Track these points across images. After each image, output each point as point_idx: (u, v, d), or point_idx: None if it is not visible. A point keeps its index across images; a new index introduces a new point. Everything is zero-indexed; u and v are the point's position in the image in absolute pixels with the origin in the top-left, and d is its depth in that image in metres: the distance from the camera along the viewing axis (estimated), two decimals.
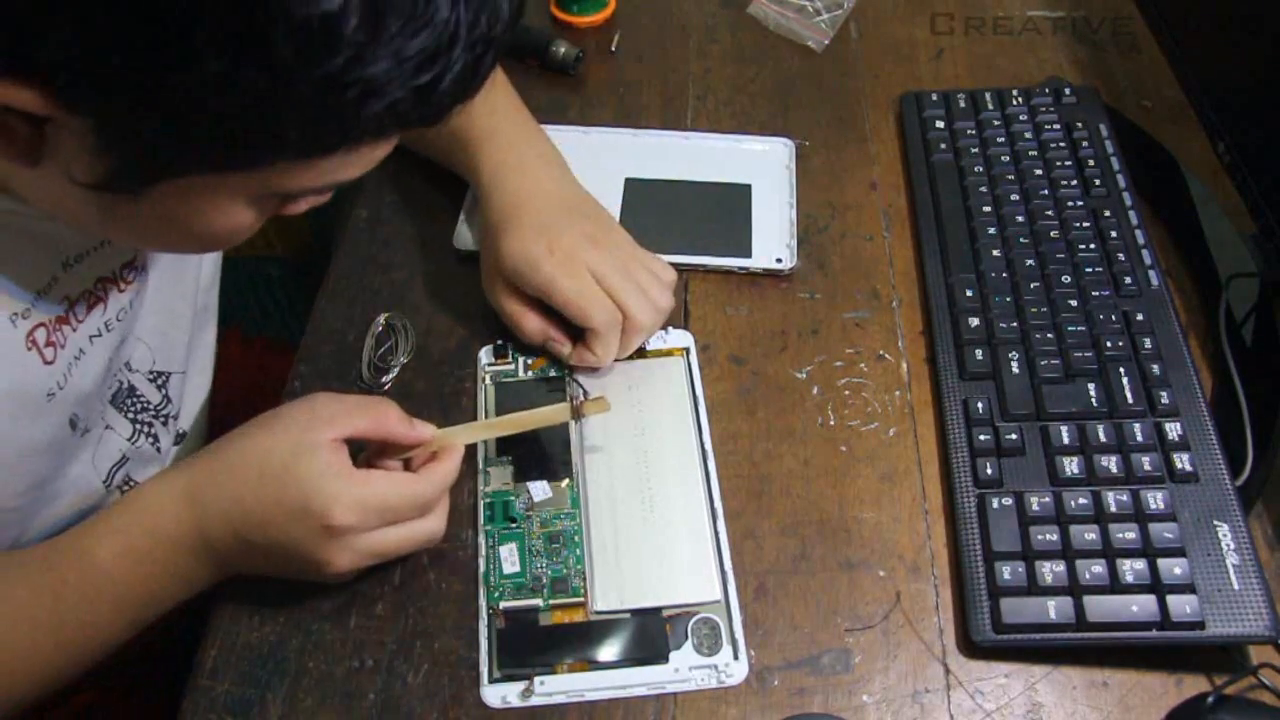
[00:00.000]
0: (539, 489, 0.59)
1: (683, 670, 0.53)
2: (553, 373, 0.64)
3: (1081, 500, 0.56)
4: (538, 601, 0.55)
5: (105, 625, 0.52)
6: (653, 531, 0.57)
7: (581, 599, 0.55)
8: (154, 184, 0.40)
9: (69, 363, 0.54)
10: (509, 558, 0.56)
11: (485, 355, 0.65)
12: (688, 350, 0.65)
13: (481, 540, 0.57)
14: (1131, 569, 0.53)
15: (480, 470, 0.60)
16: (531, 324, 0.63)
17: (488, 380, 0.64)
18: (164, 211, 0.43)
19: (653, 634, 0.54)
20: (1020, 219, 0.70)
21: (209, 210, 0.43)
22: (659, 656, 0.53)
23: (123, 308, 0.57)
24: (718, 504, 0.58)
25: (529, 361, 0.65)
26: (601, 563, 0.56)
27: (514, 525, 0.58)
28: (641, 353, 0.65)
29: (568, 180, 0.67)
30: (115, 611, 0.52)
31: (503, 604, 0.55)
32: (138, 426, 0.63)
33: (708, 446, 0.61)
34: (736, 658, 0.53)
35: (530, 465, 0.60)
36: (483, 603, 0.55)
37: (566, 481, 0.59)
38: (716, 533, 0.57)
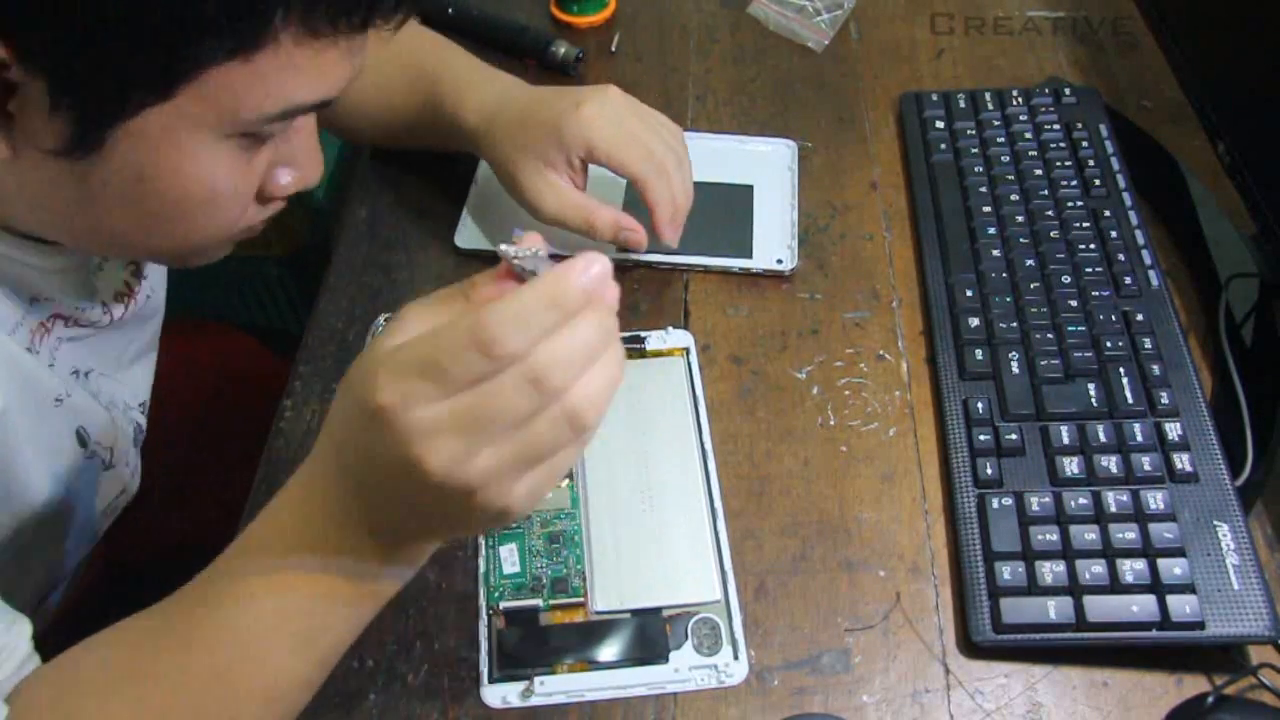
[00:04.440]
0: None
1: (683, 670, 0.53)
2: None
3: (1081, 500, 0.56)
4: (538, 601, 0.55)
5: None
6: (653, 531, 0.57)
7: (581, 599, 0.55)
8: (110, 128, 0.41)
9: (67, 370, 0.54)
10: (509, 558, 0.56)
11: None
12: (688, 350, 0.65)
13: (481, 540, 0.57)
14: (1131, 569, 0.53)
15: None
16: (604, 216, 0.64)
17: None
18: (133, 168, 0.42)
19: (653, 634, 0.54)
20: (1020, 219, 0.70)
21: (175, 156, 0.43)
22: (659, 656, 0.53)
23: (59, 337, 0.55)
24: (718, 504, 0.58)
25: None
26: (601, 563, 0.56)
27: (514, 525, 0.58)
28: (642, 353, 0.65)
29: (549, 88, 0.68)
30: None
31: (503, 604, 0.55)
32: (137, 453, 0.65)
33: (708, 446, 0.61)
34: (736, 658, 0.53)
35: None
36: (483, 603, 0.55)
37: (566, 481, 0.59)
38: (716, 533, 0.57)
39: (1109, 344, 0.62)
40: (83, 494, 0.58)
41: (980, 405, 0.61)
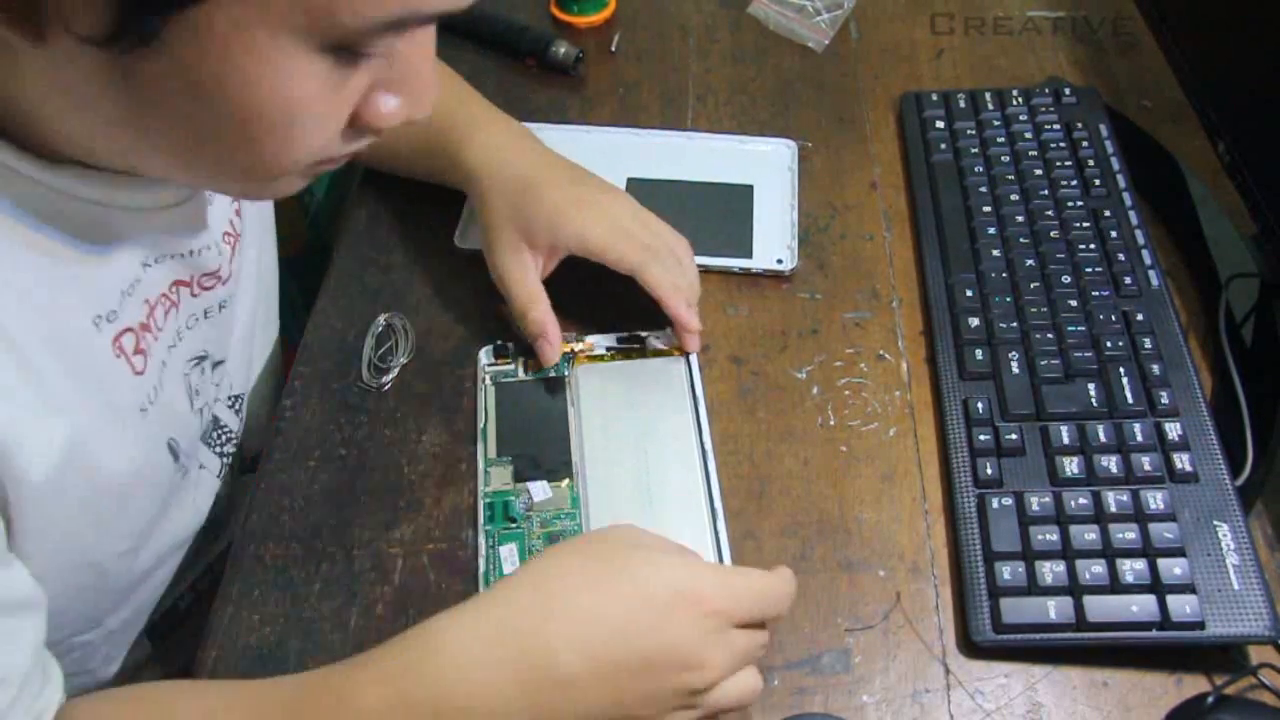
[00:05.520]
0: (539, 489, 0.59)
1: None
2: (552, 373, 0.64)
3: (1081, 500, 0.56)
4: None
5: None
6: (653, 531, 0.57)
7: None
8: (165, 14, 0.32)
9: (158, 374, 0.50)
10: (509, 558, 0.56)
11: (485, 355, 0.65)
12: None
13: (482, 540, 0.57)
14: (1131, 569, 0.53)
15: (481, 470, 0.60)
16: (535, 317, 0.62)
17: (488, 380, 0.64)
18: (193, 72, 0.34)
19: None
20: (1020, 219, 0.70)
21: (248, 64, 0.34)
22: None
23: (194, 314, 0.53)
24: (718, 504, 0.58)
25: (529, 361, 0.65)
26: None
27: (514, 525, 0.57)
28: (642, 352, 0.65)
29: (555, 155, 0.67)
30: None
31: None
32: (223, 460, 0.61)
33: (708, 446, 0.61)
34: None
35: (530, 465, 0.60)
36: None
37: (566, 481, 0.59)
38: (716, 532, 0.57)
39: (1109, 344, 0.62)
40: (173, 514, 0.56)
41: (980, 405, 0.61)
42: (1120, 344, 0.62)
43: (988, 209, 0.71)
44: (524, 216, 0.63)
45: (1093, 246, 0.68)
